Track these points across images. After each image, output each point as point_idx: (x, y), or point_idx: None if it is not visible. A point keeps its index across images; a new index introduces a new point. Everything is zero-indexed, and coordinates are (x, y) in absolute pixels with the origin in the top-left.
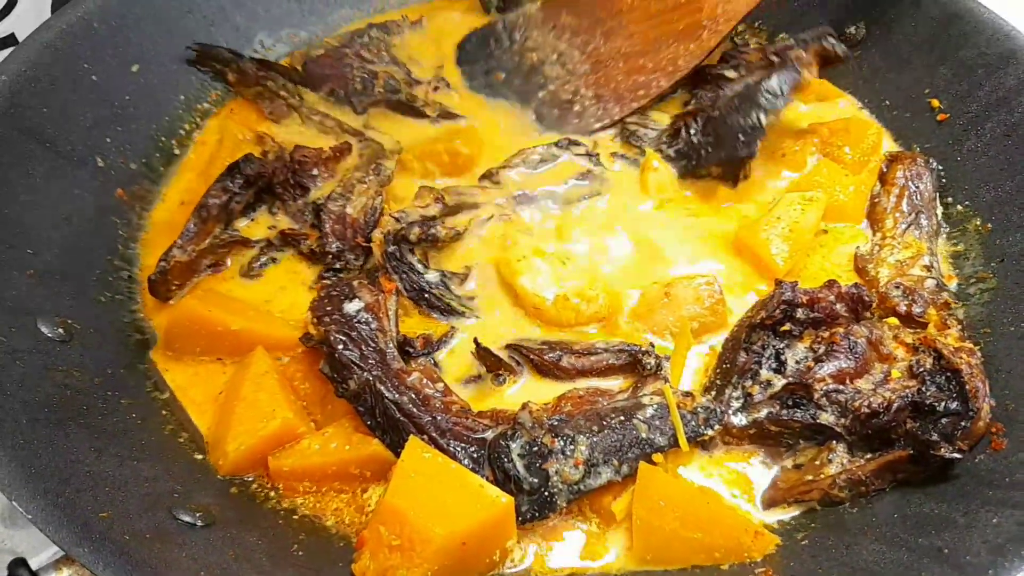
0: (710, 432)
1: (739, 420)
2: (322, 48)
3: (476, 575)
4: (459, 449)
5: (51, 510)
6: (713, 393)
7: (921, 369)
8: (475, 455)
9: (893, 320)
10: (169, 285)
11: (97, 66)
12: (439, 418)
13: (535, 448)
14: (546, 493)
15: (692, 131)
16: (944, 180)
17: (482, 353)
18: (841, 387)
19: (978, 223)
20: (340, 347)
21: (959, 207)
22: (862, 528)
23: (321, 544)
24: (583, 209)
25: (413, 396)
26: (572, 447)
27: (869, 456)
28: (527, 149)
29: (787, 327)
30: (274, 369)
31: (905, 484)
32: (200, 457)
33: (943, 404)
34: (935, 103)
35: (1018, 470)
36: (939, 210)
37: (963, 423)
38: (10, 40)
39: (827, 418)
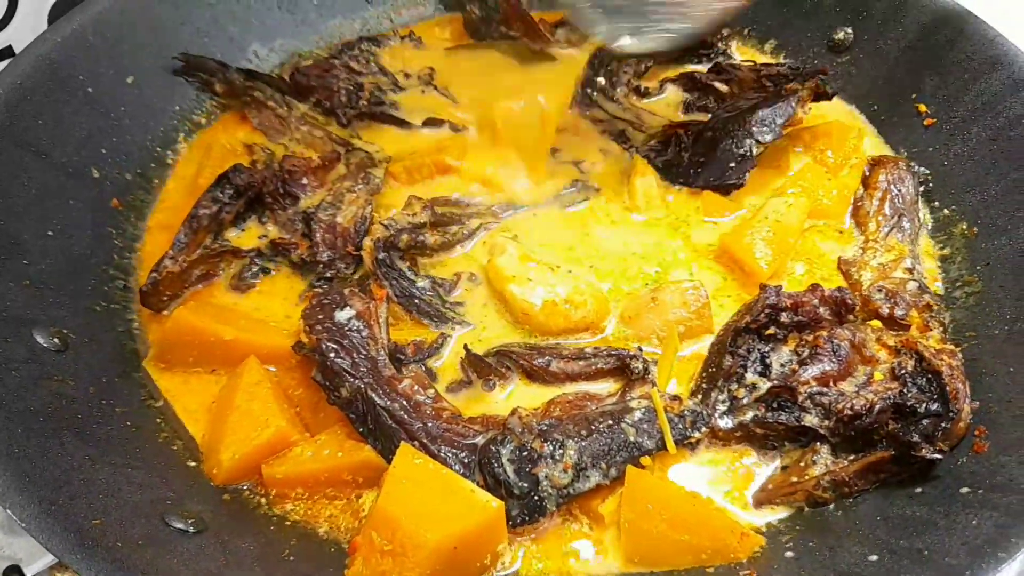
0: (697, 435)
1: (725, 423)
2: (311, 59)
3: None
4: (450, 455)
5: (44, 518)
6: (700, 396)
7: (903, 371)
8: (466, 460)
9: (876, 323)
10: (161, 296)
11: (92, 78)
12: (430, 424)
13: (525, 453)
14: (536, 497)
15: (682, 145)
16: (931, 184)
17: (472, 359)
18: (825, 389)
19: (964, 227)
20: (332, 355)
21: (945, 211)
22: (845, 530)
23: (313, 550)
24: (571, 216)
25: (404, 403)
26: (561, 451)
27: (852, 457)
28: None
29: (772, 331)
30: (267, 378)
31: (888, 486)
32: (193, 464)
33: (924, 405)
34: (922, 108)
35: (999, 472)
36: (922, 213)
37: (943, 424)
38: (7, 52)
39: (811, 420)
